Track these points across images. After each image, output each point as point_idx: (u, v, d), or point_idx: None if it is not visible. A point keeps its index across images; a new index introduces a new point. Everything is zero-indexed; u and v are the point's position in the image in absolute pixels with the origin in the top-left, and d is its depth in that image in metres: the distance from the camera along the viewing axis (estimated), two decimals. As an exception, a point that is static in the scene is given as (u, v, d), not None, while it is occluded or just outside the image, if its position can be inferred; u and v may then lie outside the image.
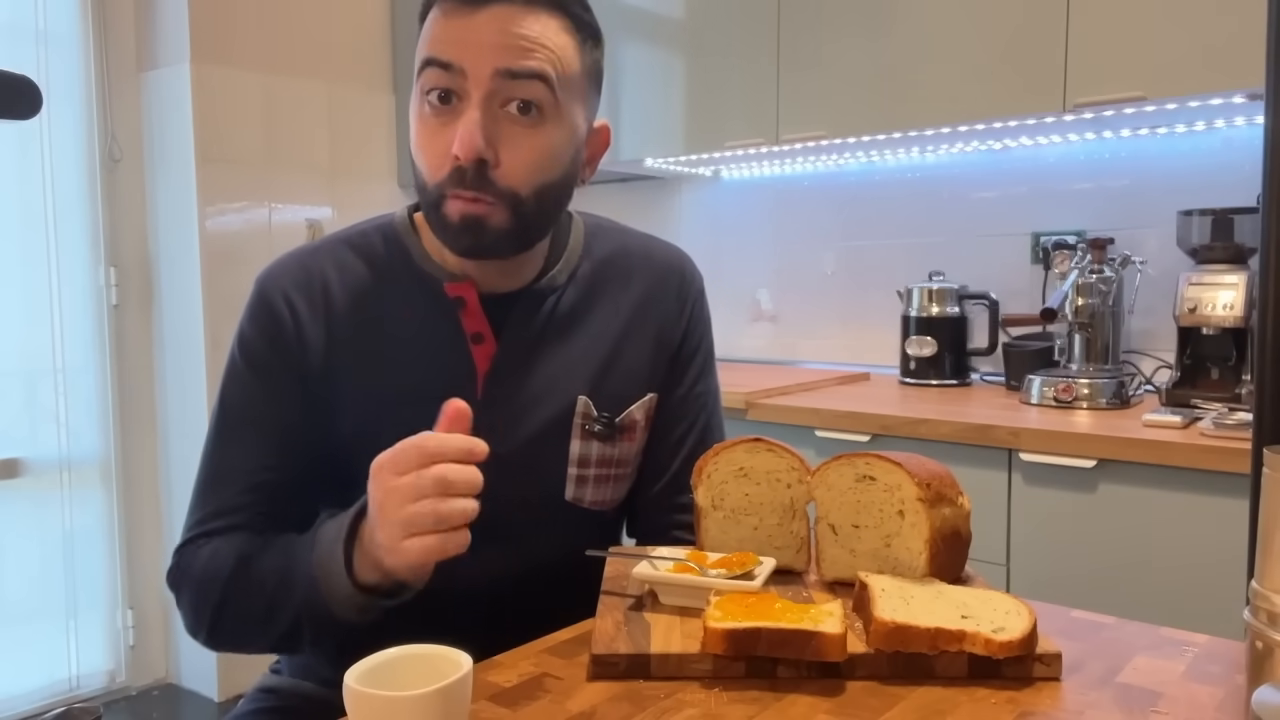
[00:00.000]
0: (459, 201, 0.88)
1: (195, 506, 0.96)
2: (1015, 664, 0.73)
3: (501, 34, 0.86)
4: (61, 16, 2.56)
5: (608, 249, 1.06)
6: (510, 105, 0.87)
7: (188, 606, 0.94)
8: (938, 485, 0.86)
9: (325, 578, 0.84)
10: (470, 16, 0.86)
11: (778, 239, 2.86)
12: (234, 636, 0.94)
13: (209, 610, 0.91)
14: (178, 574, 0.94)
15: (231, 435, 0.96)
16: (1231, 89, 1.79)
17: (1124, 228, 2.21)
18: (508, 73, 0.86)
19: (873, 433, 1.98)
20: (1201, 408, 1.82)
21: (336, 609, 0.84)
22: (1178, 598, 1.63)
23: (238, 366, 0.97)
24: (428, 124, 0.89)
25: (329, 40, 2.93)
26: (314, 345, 0.96)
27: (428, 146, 0.89)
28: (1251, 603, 0.68)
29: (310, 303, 0.96)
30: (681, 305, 1.09)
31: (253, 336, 0.97)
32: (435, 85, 0.88)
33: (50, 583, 2.62)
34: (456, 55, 0.86)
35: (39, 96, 0.92)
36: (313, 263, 0.99)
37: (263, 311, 0.97)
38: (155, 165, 2.74)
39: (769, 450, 0.93)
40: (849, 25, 2.26)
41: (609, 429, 1.00)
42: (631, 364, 1.03)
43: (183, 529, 0.96)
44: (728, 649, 0.72)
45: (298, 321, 0.96)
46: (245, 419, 0.96)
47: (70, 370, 2.63)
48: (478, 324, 0.96)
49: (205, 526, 0.94)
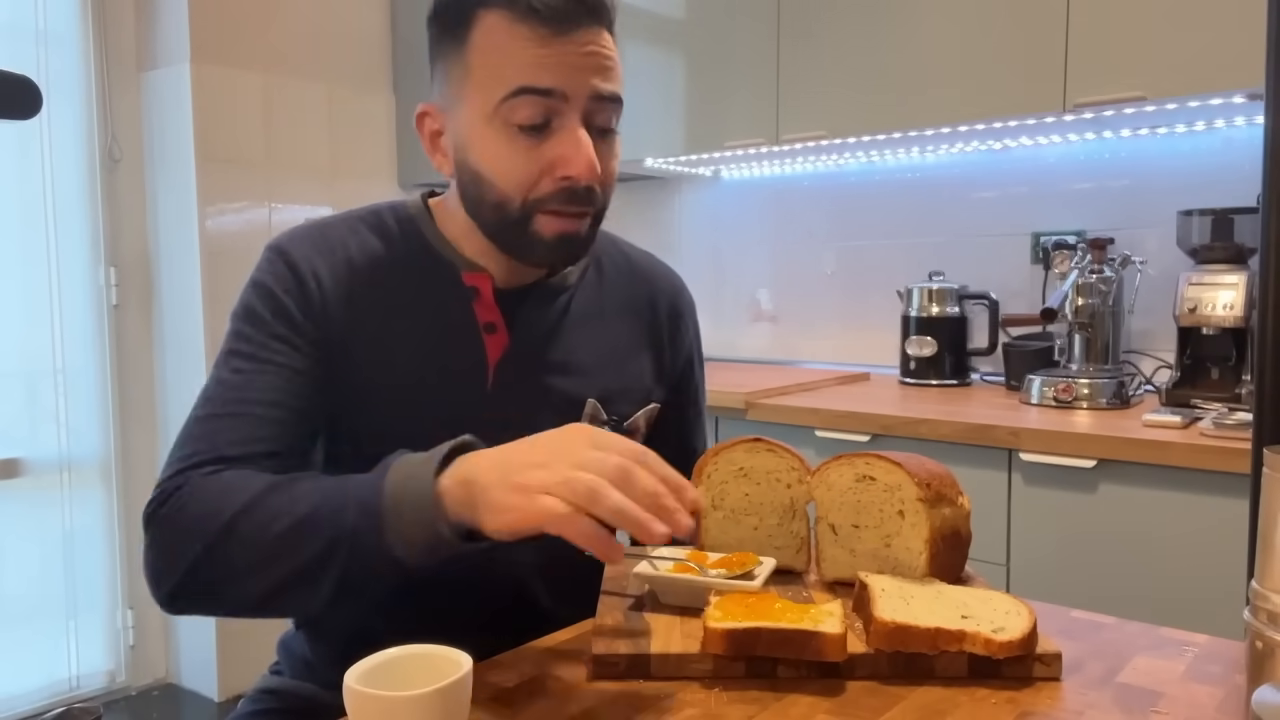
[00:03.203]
0: (562, 220, 0.89)
1: (194, 437, 0.86)
2: (1015, 664, 0.73)
3: (590, 56, 0.87)
4: (61, 16, 2.56)
5: (614, 258, 1.09)
6: (594, 125, 0.89)
7: (170, 538, 0.81)
8: (938, 485, 0.86)
9: (395, 506, 0.75)
10: (563, 41, 0.86)
11: (778, 239, 2.86)
12: (218, 581, 0.79)
13: (204, 540, 0.78)
14: (165, 502, 0.82)
15: (248, 370, 0.89)
16: (1231, 89, 1.79)
17: (1124, 228, 2.21)
18: (598, 95, 0.88)
19: (873, 433, 1.98)
20: (1201, 408, 1.82)
21: (396, 547, 0.75)
22: (1178, 598, 1.63)
23: (255, 311, 0.92)
24: (517, 145, 0.87)
25: (329, 40, 2.93)
26: (334, 314, 0.92)
27: (519, 165, 0.88)
28: (1251, 603, 0.68)
29: (333, 272, 0.94)
30: (682, 325, 1.13)
31: (276, 292, 0.92)
32: (533, 115, 0.86)
33: (50, 583, 2.62)
34: (556, 81, 0.86)
35: (39, 96, 0.92)
36: (332, 234, 0.96)
37: (286, 272, 0.93)
38: (155, 165, 2.74)
39: (769, 450, 0.93)
40: (849, 25, 2.26)
41: (616, 432, 1.00)
42: (635, 372, 1.05)
43: (171, 461, 0.86)
44: (728, 649, 0.72)
45: (321, 287, 0.93)
46: (262, 358, 0.90)
47: (70, 370, 2.63)
48: (491, 314, 0.96)
49: (214, 454, 0.84)
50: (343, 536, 0.76)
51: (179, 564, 0.80)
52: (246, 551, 0.78)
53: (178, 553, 0.80)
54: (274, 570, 0.78)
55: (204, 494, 0.81)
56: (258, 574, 0.78)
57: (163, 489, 0.83)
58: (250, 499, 0.79)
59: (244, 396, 0.88)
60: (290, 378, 0.89)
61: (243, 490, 0.80)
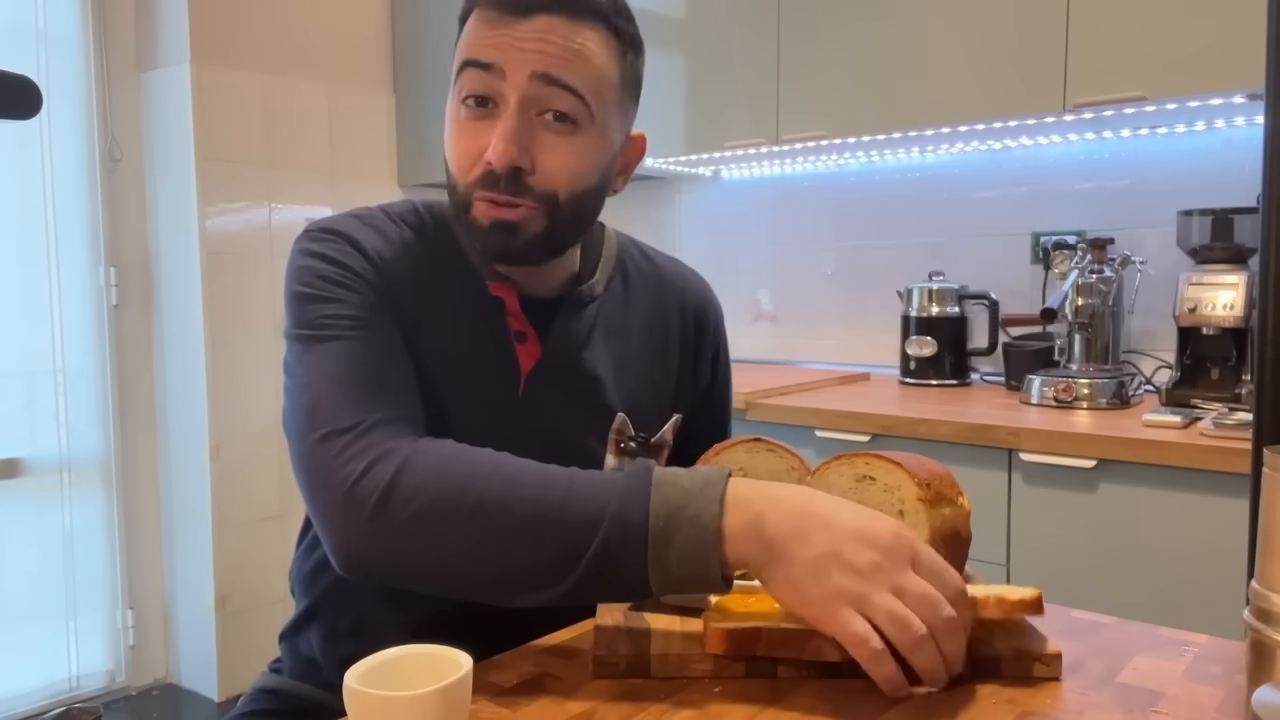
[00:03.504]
0: (488, 205, 0.87)
1: (351, 403, 0.79)
2: (1015, 664, 0.73)
3: (543, 42, 0.86)
4: (61, 16, 2.56)
5: (641, 267, 1.07)
6: (546, 114, 0.87)
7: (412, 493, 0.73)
8: (938, 485, 0.86)
9: (663, 533, 0.69)
10: (514, 24, 0.86)
11: (777, 239, 2.86)
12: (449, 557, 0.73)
13: (451, 506, 0.72)
14: (392, 473, 0.74)
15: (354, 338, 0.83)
16: (1231, 89, 1.79)
17: (1124, 228, 2.21)
18: (545, 78, 0.85)
19: (873, 433, 1.98)
20: (1201, 408, 1.82)
21: (653, 573, 0.69)
22: (1178, 598, 1.63)
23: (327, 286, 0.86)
24: (462, 126, 0.88)
25: (329, 40, 2.93)
26: (390, 295, 0.88)
27: (460, 148, 0.89)
28: (1251, 603, 0.68)
29: (388, 252, 0.90)
30: (710, 334, 1.11)
31: (339, 257, 0.87)
32: (473, 88, 0.87)
33: (50, 583, 2.62)
34: (496, 56, 0.85)
35: (39, 96, 0.92)
36: (372, 221, 0.94)
37: (344, 243, 0.89)
38: (155, 165, 2.74)
39: (769, 450, 0.93)
40: (849, 25, 2.26)
41: (644, 449, 0.99)
42: (662, 384, 1.04)
43: (337, 431, 0.77)
44: (728, 649, 0.72)
45: (382, 259, 0.89)
46: (369, 322, 0.85)
47: (70, 370, 2.63)
48: (520, 324, 0.95)
49: (390, 414, 0.78)
50: (591, 546, 0.70)
51: (426, 547, 0.73)
52: (487, 530, 0.72)
53: (442, 507, 0.73)
54: (507, 559, 0.73)
55: (436, 463, 0.75)
56: (490, 559, 0.73)
57: (369, 460, 0.75)
58: (493, 471, 0.73)
59: (370, 360, 0.82)
60: (394, 341, 0.86)
61: (481, 463, 0.74)
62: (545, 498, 0.72)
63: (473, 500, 0.72)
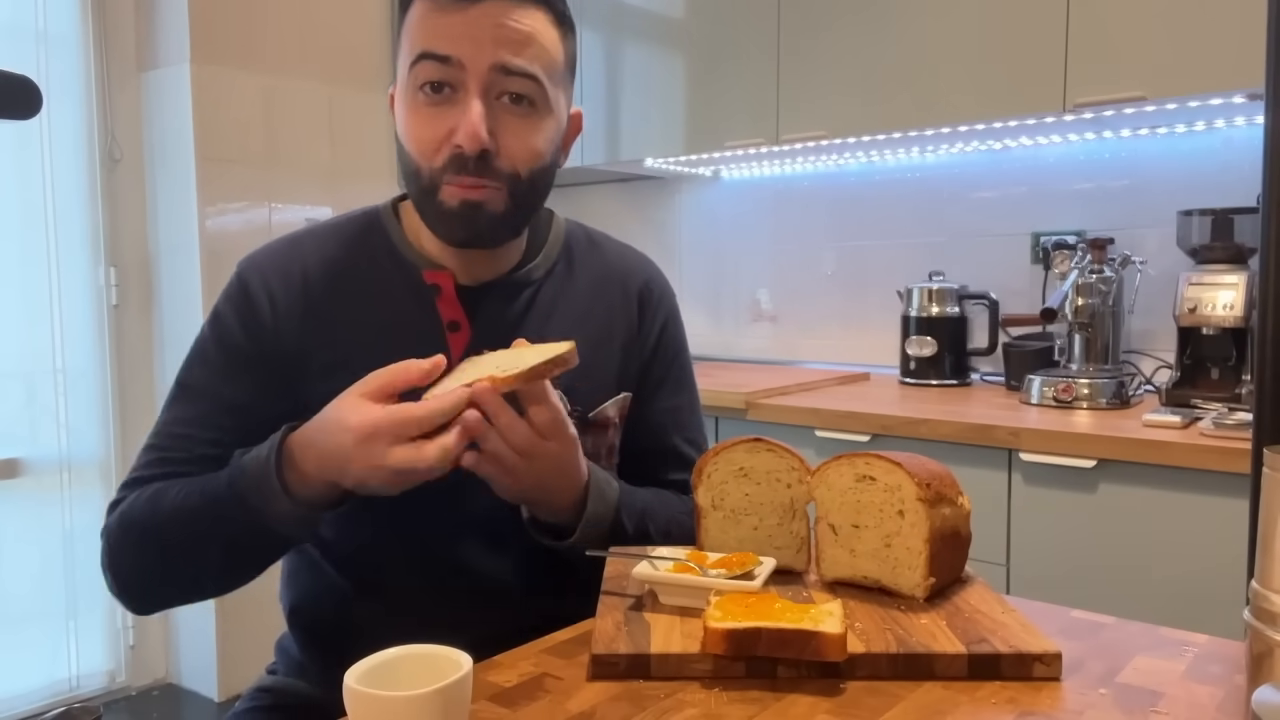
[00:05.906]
0: (458, 188, 0.90)
1: (134, 466, 0.98)
2: (1015, 664, 0.73)
3: (496, 28, 0.88)
4: (61, 16, 2.56)
5: (586, 252, 1.08)
6: (504, 97, 0.90)
7: (123, 550, 0.94)
8: (938, 485, 0.86)
9: (263, 499, 0.85)
10: (463, 11, 0.88)
11: (777, 239, 2.86)
12: (162, 576, 0.93)
13: (141, 548, 0.92)
14: (110, 524, 0.95)
15: (188, 403, 0.98)
16: (1231, 89, 1.79)
17: (1124, 228, 2.21)
18: (504, 68, 0.89)
19: (873, 433, 1.98)
20: (1201, 408, 1.82)
21: (276, 525, 0.86)
22: (1178, 598, 1.63)
23: (207, 344, 0.99)
24: (421, 112, 0.91)
25: (329, 40, 2.93)
26: (288, 331, 0.97)
27: (422, 134, 0.91)
28: (1251, 603, 0.68)
29: (288, 289, 0.98)
30: (654, 308, 1.10)
31: (228, 318, 0.98)
32: (430, 78, 0.90)
33: (50, 583, 2.62)
34: (454, 49, 0.88)
35: (39, 96, 0.92)
36: (294, 251, 1.01)
37: (240, 296, 0.99)
38: (155, 165, 2.74)
39: (769, 450, 0.93)
40: (849, 25, 2.26)
41: (582, 423, 0.99)
42: (603, 365, 1.04)
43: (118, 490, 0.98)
44: (728, 649, 0.72)
45: (274, 308, 0.97)
46: (204, 393, 0.97)
47: (70, 370, 2.63)
48: (454, 312, 0.97)
49: (142, 473, 0.96)
50: (238, 531, 0.87)
51: (134, 576, 0.94)
52: (176, 550, 0.91)
53: (137, 555, 0.93)
54: (202, 558, 0.90)
55: (132, 511, 0.93)
56: (191, 565, 0.91)
57: (108, 516, 0.96)
58: (155, 509, 0.91)
59: (181, 433, 0.96)
60: (227, 410, 0.96)
61: (153, 502, 0.92)
62: (184, 505, 0.89)
63: (136, 534, 0.92)
